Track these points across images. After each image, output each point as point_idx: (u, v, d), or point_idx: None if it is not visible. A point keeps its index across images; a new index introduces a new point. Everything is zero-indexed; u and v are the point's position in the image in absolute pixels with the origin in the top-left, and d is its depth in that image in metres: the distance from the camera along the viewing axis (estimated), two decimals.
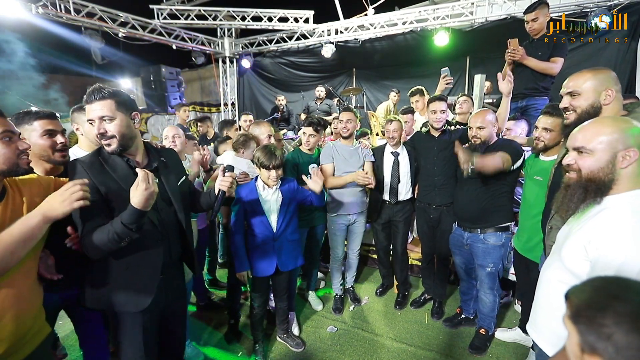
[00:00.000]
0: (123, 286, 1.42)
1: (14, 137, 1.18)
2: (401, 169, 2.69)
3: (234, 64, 8.37)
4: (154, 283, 1.46)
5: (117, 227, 1.26)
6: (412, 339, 2.56)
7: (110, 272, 1.41)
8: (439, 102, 2.50)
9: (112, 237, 1.27)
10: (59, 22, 5.47)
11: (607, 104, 1.36)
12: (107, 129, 1.35)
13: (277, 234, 2.19)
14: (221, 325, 2.77)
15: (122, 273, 1.41)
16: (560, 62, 2.82)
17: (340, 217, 2.74)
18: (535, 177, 2.00)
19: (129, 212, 1.26)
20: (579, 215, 1.09)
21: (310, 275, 3.02)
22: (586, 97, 1.40)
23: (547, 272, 1.17)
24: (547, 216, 1.56)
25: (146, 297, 1.43)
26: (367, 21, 6.67)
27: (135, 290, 1.43)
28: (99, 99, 1.33)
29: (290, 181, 2.31)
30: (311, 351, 2.46)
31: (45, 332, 1.32)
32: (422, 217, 2.74)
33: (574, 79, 1.44)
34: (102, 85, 1.35)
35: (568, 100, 1.45)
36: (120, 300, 1.41)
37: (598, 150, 1.01)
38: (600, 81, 1.37)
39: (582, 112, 1.41)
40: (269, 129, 2.71)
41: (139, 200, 1.25)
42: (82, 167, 1.33)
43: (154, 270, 1.47)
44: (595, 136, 1.03)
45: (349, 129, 2.67)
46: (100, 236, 1.28)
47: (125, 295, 1.41)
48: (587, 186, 1.04)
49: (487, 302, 2.37)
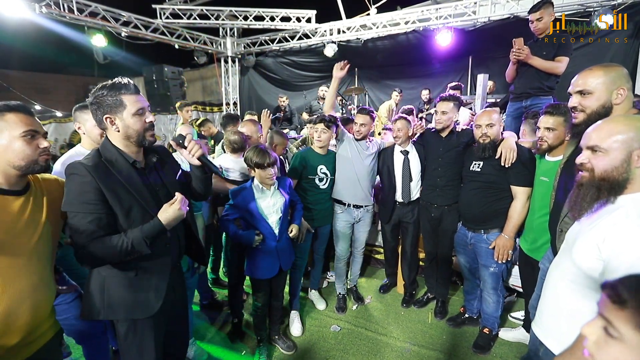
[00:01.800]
0: (131, 293, 1.35)
1: (36, 135, 1.23)
2: (412, 168, 2.66)
3: (236, 63, 8.38)
4: (164, 286, 1.42)
5: (135, 239, 1.23)
6: (415, 338, 2.55)
7: (116, 280, 1.33)
8: (442, 103, 2.48)
9: (125, 248, 1.22)
10: (62, 21, 5.48)
11: (619, 103, 1.33)
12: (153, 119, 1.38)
13: (278, 236, 2.16)
14: (224, 324, 2.77)
15: (131, 280, 1.35)
16: (565, 61, 2.81)
17: (345, 214, 2.72)
18: (541, 178, 1.98)
19: (152, 225, 1.26)
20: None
21: (314, 274, 3.02)
22: (598, 97, 1.36)
23: (555, 272, 1.16)
24: (555, 218, 1.53)
25: (156, 301, 1.38)
26: (370, 21, 6.67)
27: (144, 296, 1.37)
28: (138, 91, 1.36)
29: (286, 179, 2.28)
30: (314, 350, 2.46)
31: (55, 329, 1.34)
32: (424, 216, 2.73)
33: (584, 77, 1.39)
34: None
35: (578, 99, 1.41)
36: (128, 308, 1.34)
37: (613, 149, 1.00)
38: (613, 79, 1.33)
39: (592, 113, 1.37)
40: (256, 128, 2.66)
41: (169, 218, 1.28)
42: (87, 169, 1.23)
43: (163, 273, 1.43)
44: (610, 135, 1.01)
45: (361, 133, 2.63)
46: (107, 246, 1.22)
47: (133, 302, 1.35)
48: (600, 185, 1.02)
49: (490, 302, 2.36)
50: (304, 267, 2.78)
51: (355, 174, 2.65)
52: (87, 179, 1.22)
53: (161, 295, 1.40)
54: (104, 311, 1.33)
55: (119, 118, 1.30)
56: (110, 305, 1.33)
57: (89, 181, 1.22)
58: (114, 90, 1.29)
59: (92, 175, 1.23)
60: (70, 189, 1.24)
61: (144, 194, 1.35)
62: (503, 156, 2.10)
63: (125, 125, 1.31)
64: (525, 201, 2.11)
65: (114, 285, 1.33)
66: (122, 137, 1.33)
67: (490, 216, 2.24)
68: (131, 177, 1.33)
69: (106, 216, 1.25)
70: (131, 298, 1.34)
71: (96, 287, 1.34)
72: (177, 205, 1.29)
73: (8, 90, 7.35)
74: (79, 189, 1.22)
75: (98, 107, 1.29)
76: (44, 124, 7.93)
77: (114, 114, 1.30)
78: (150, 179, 1.42)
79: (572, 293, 1.07)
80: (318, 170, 2.59)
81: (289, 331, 2.64)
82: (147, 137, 1.38)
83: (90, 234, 1.21)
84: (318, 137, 2.55)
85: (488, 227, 2.25)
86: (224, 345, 2.53)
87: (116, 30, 6.13)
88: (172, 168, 1.57)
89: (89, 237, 1.21)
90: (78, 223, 1.22)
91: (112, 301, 1.33)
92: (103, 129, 1.35)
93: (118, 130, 1.31)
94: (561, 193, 1.57)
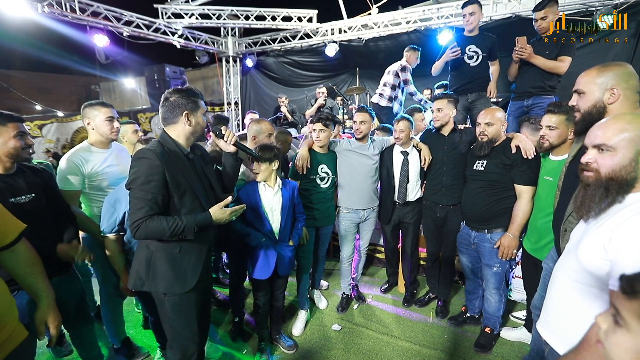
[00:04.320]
0: (173, 268, 1.52)
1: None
2: (411, 169, 2.64)
3: (237, 63, 8.38)
4: (201, 265, 1.61)
5: (188, 225, 1.44)
6: (417, 337, 2.55)
7: (162, 255, 1.52)
8: (438, 101, 2.48)
9: (177, 230, 1.42)
10: (64, 21, 5.50)
11: (611, 103, 1.31)
12: None
13: (277, 236, 2.17)
14: (226, 323, 2.78)
15: (175, 256, 1.53)
16: (568, 61, 2.80)
17: (352, 214, 2.72)
18: (545, 177, 1.98)
19: (204, 218, 1.50)
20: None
21: (315, 273, 3.02)
22: (590, 98, 1.35)
23: (560, 272, 1.15)
24: (559, 218, 1.52)
25: (192, 278, 1.57)
26: (371, 20, 6.66)
27: (183, 273, 1.55)
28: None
29: (292, 182, 2.29)
30: (316, 349, 2.46)
31: (19, 337, 1.17)
32: (428, 216, 2.72)
33: (583, 76, 1.39)
34: None
35: (575, 98, 1.42)
36: (169, 282, 1.52)
37: (620, 147, 0.97)
38: (606, 79, 1.32)
39: (585, 113, 1.38)
40: (269, 127, 2.62)
41: (219, 218, 1.54)
42: (156, 155, 1.43)
43: (201, 253, 1.62)
44: (618, 133, 0.98)
45: (362, 131, 2.60)
46: (161, 225, 1.40)
47: (174, 277, 1.53)
48: (608, 185, 1.00)
49: (492, 302, 2.36)
50: (310, 267, 2.78)
51: (358, 182, 2.65)
52: (155, 163, 1.42)
53: (197, 273, 1.58)
54: (148, 283, 1.53)
55: (194, 116, 1.56)
56: (154, 278, 1.52)
57: (157, 165, 1.42)
58: (194, 95, 1.57)
59: (160, 161, 1.43)
60: (138, 169, 1.42)
61: (195, 182, 1.57)
62: (523, 149, 2.09)
63: (197, 122, 1.57)
64: (529, 200, 2.10)
65: (159, 260, 1.52)
66: (189, 132, 1.57)
67: (494, 215, 2.23)
68: (186, 166, 1.55)
69: (162, 197, 1.44)
70: (172, 273, 1.53)
71: (143, 261, 1.54)
72: (229, 210, 1.56)
73: (9, 91, 7.38)
74: (148, 171, 1.41)
75: (177, 106, 1.53)
76: (45, 124, 7.94)
77: (192, 112, 1.55)
78: (197, 169, 1.64)
79: (577, 293, 1.06)
80: (319, 170, 2.58)
81: (290, 330, 2.64)
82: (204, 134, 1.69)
83: (148, 210, 1.40)
84: (317, 137, 2.54)
85: (492, 226, 2.25)
86: (225, 344, 2.53)
87: (118, 30, 6.14)
88: (209, 161, 1.79)
89: (146, 212, 1.40)
90: (140, 199, 1.40)
91: (156, 274, 1.52)
92: (173, 123, 1.55)
93: (191, 125, 1.55)
94: (566, 192, 1.56)
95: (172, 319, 1.60)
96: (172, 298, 1.56)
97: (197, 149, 1.71)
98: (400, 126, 2.58)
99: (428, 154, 2.59)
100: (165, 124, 1.58)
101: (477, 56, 3.20)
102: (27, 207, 1.60)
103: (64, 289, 1.85)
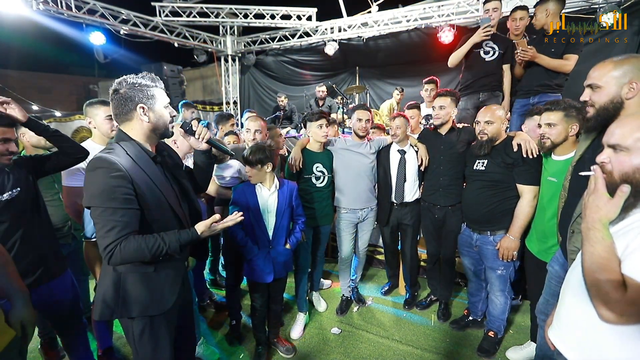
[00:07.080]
0: (148, 288, 1.31)
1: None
2: (408, 168, 2.59)
3: (236, 62, 8.32)
4: (180, 278, 1.41)
5: (172, 244, 1.23)
6: (418, 341, 2.49)
7: (133, 276, 1.29)
8: (441, 98, 2.42)
9: (160, 251, 1.20)
10: (60, 18, 5.42)
11: (630, 98, 1.25)
12: None
13: (272, 238, 2.11)
14: (222, 326, 2.71)
15: (149, 275, 1.31)
16: (574, 59, 2.74)
17: (350, 214, 2.66)
18: (549, 179, 1.91)
19: (190, 234, 1.28)
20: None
21: (314, 275, 2.95)
22: (606, 92, 1.29)
23: (574, 277, 1.08)
24: (566, 219, 1.46)
25: (171, 295, 1.36)
26: (371, 19, 6.59)
27: (160, 291, 1.33)
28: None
29: (290, 184, 2.22)
30: (314, 353, 2.40)
31: (5, 339, 1.17)
32: (427, 217, 2.66)
33: (595, 70, 1.33)
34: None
35: (589, 93, 1.35)
36: (144, 304, 1.30)
37: (637, 148, 0.92)
38: (624, 72, 1.25)
39: (600, 108, 1.32)
40: (257, 124, 2.57)
41: (206, 233, 1.30)
42: (117, 163, 1.18)
43: (179, 268, 1.42)
44: (633, 132, 0.93)
45: (367, 129, 2.59)
46: (139, 247, 1.17)
47: (149, 298, 1.30)
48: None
49: (497, 304, 2.30)
50: (308, 268, 2.72)
51: (355, 181, 2.60)
52: (116, 173, 1.16)
53: (175, 289, 1.37)
54: (118, 310, 1.28)
55: (151, 109, 1.30)
56: (125, 303, 1.27)
57: (118, 175, 1.17)
58: (149, 82, 1.31)
59: (123, 168, 1.18)
60: (96, 182, 1.16)
61: (167, 190, 1.34)
62: (523, 148, 2.03)
63: (158, 116, 1.32)
64: (532, 200, 2.04)
65: (130, 281, 1.28)
66: (149, 130, 1.32)
67: (496, 217, 2.17)
68: (154, 171, 1.31)
69: (135, 212, 1.20)
70: (147, 294, 1.30)
71: (110, 285, 1.28)
72: (217, 226, 1.33)
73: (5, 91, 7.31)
74: (108, 183, 1.15)
75: (128, 99, 1.27)
76: None
77: (147, 105, 1.29)
78: (166, 173, 1.41)
79: (590, 300, 1.00)
80: (314, 169, 2.52)
81: (288, 334, 2.58)
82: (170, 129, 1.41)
83: (120, 231, 1.15)
84: (324, 134, 2.48)
85: (495, 228, 2.19)
86: (222, 348, 2.47)
87: (115, 28, 6.07)
88: (178, 162, 1.56)
89: (118, 234, 1.15)
90: (107, 220, 1.15)
91: (127, 298, 1.28)
92: (127, 120, 1.30)
93: (149, 120, 1.30)
94: (573, 192, 1.50)
95: (137, 342, 1.33)
96: (141, 320, 1.31)
97: (163, 150, 1.47)
98: (397, 123, 2.54)
99: (425, 153, 2.53)
100: (119, 121, 1.31)
101: (494, 52, 3.13)
102: (14, 203, 1.61)
103: (57, 294, 1.80)
